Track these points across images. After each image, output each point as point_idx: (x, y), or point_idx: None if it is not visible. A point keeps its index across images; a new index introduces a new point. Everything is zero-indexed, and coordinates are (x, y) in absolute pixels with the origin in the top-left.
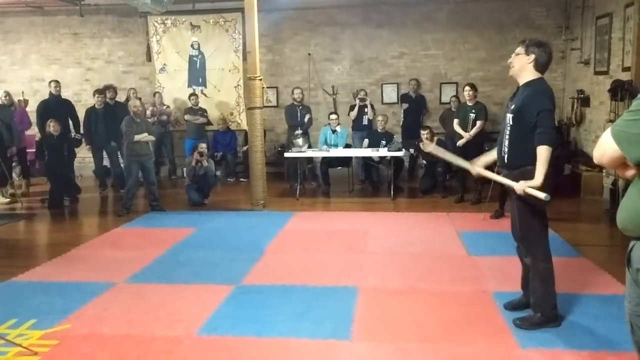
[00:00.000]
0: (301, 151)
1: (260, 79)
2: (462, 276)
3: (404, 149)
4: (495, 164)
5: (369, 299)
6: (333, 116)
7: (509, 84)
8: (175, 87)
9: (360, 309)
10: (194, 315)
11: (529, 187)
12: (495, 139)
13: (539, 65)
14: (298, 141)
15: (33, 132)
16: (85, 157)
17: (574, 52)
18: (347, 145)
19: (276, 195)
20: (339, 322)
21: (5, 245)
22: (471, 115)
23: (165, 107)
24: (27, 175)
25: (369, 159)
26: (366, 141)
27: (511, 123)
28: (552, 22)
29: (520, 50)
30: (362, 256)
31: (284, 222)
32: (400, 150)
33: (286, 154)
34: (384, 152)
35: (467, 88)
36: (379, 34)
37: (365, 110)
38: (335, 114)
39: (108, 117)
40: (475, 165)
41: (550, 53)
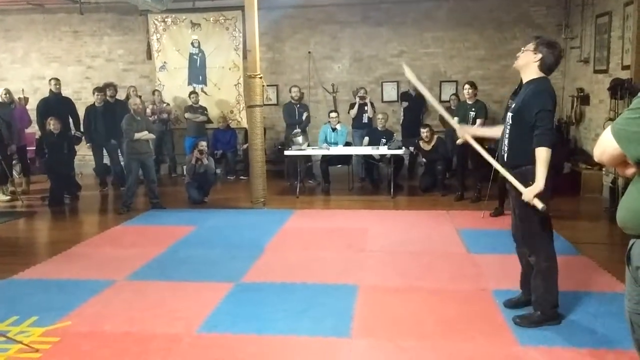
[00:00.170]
0: (301, 149)
1: (261, 77)
2: (462, 274)
3: (403, 147)
4: (484, 140)
5: (368, 297)
6: (333, 114)
7: (508, 82)
8: (175, 85)
9: (360, 306)
10: (194, 313)
11: (535, 197)
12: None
13: (545, 66)
14: (298, 139)
15: (33, 130)
16: (85, 155)
17: (574, 51)
18: (347, 144)
19: (276, 193)
20: (338, 320)
21: (5, 243)
22: (471, 113)
23: (165, 105)
24: (28, 173)
25: (369, 157)
26: (366, 139)
27: (511, 122)
28: (552, 21)
29: (530, 47)
30: (362, 254)
31: (284, 220)
32: (400, 148)
33: (286, 152)
34: (383, 150)
35: (467, 86)
36: (379, 32)
37: (365, 108)
38: (335, 112)
39: (108, 115)
40: (466, 131)
41: (558, 56)
